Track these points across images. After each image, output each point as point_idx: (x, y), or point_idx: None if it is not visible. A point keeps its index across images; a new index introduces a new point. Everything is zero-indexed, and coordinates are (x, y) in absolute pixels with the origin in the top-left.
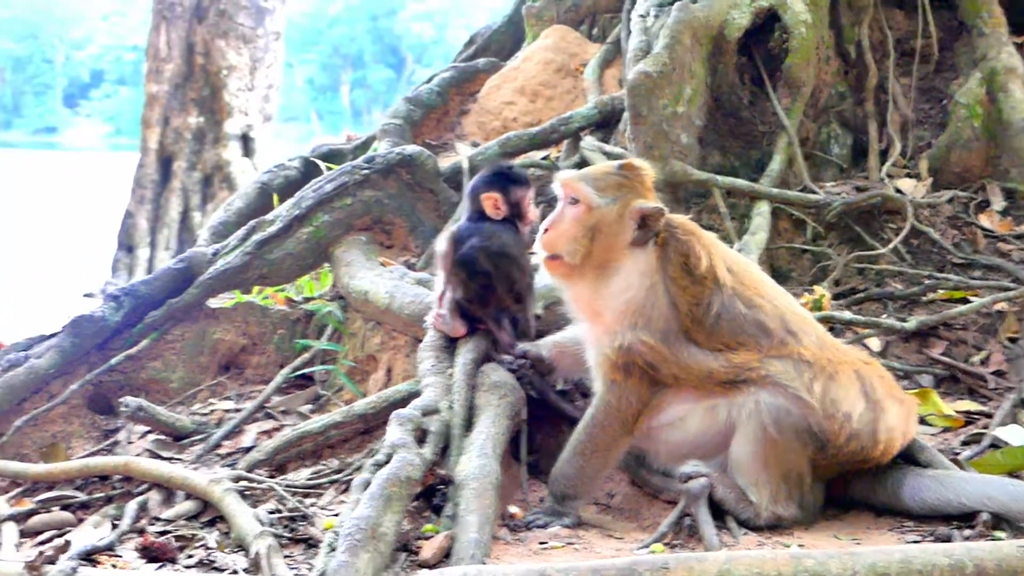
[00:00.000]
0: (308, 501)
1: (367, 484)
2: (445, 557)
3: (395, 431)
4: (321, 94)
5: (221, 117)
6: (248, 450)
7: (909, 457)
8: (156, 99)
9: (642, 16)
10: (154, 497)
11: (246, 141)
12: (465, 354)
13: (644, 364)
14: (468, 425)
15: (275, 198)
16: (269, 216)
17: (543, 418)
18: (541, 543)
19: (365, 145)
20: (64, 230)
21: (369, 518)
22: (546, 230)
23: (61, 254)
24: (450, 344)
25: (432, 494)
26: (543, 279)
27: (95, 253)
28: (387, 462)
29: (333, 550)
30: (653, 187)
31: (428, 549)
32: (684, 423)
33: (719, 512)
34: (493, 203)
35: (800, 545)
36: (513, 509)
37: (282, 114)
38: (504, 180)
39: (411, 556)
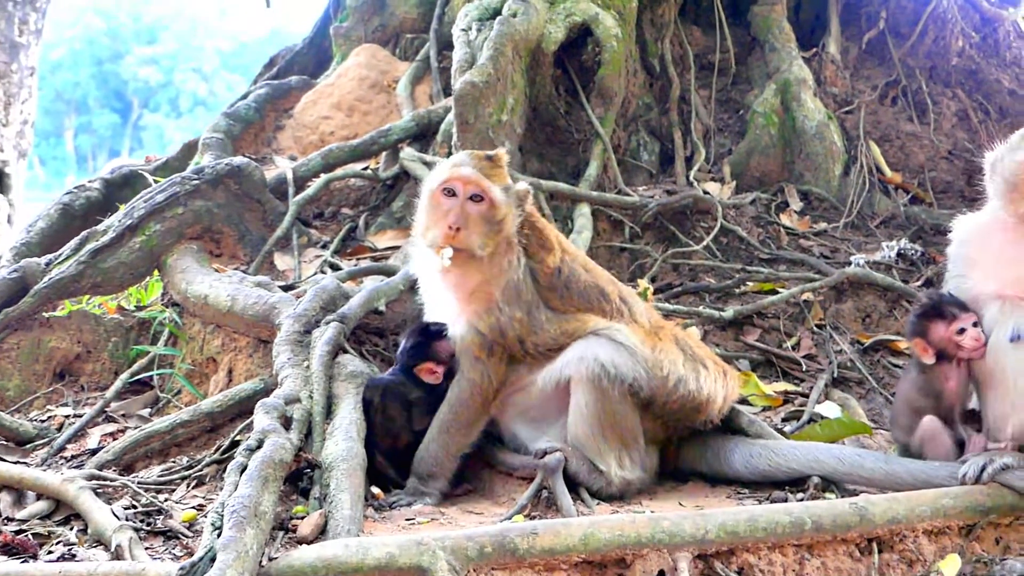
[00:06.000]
0: (162, 497)
1: (243, 467)
2: (321, 534)
3: (262, 418)
4: (44, 140)
5: None
6: (94, 452)
7: (738, 429)
8: None
9: (464, 30)
10: (4, 499)
11: (1, 177)
12: (321, 346)
13: (513, 338)
14: (327, 413)
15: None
16: (101, 227)
17: None
18: (408, 519)
19: (166, 165)
20: None
21: (250, 496)
22: (456, 228)
23: None
24: (304, 337)
25: (299, 478)
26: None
27: None
28: (259, 447)
29: (216, 529)
30: None
31: (305, 526)
32: (529, 389)
33: (572, 486)
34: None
35: (651, 511)
36: (375, 490)
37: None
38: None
39: (288, 534)
